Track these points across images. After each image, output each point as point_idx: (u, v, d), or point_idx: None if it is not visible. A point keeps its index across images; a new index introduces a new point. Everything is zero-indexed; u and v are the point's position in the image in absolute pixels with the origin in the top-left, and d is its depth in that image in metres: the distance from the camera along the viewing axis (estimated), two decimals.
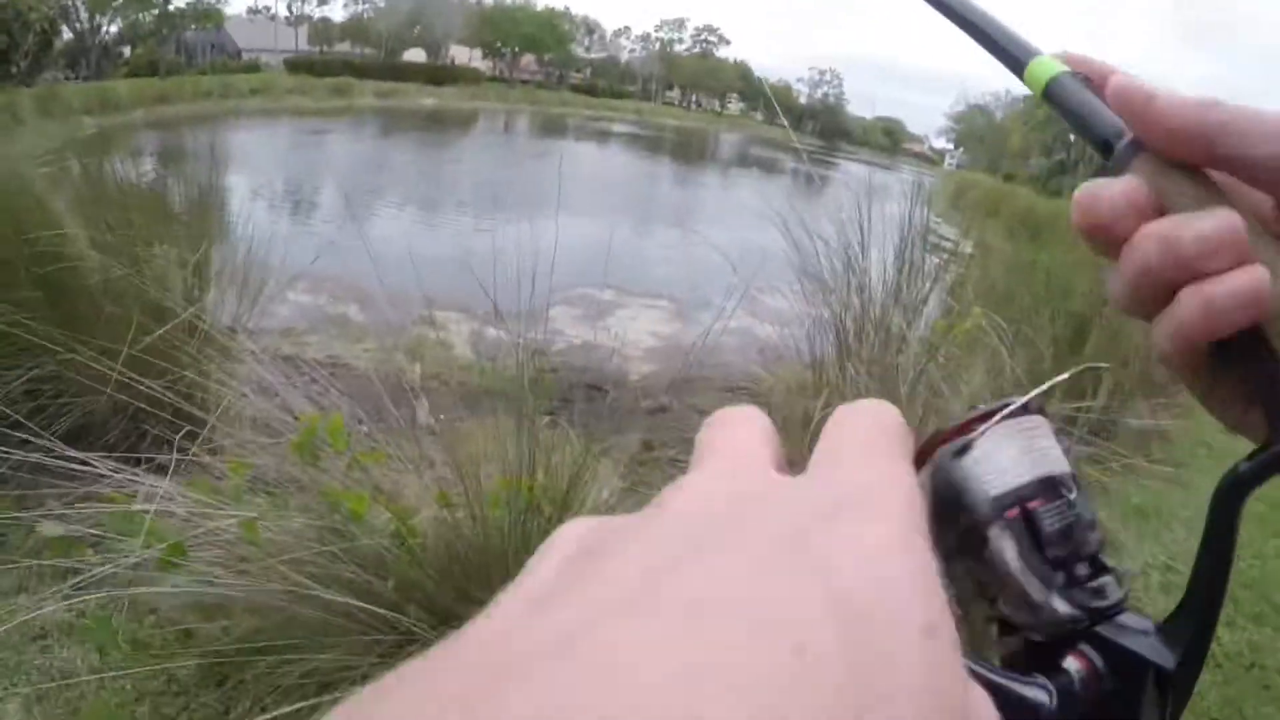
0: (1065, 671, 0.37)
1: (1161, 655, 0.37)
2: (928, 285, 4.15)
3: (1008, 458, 0.39)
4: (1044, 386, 0.41)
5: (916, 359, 3.60)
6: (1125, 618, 0.38)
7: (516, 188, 18.71)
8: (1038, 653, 0.38)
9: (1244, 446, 0.39)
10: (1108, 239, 0.37)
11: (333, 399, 3.27)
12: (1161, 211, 0.36)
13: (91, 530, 1.84)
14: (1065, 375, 0.45)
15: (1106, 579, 0.39)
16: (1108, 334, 4.82)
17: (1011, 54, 0.43)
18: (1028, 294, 5.00)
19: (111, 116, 23.13)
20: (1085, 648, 0.38)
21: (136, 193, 4.16)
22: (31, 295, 3.27)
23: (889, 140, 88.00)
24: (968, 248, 8.05)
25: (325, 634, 1.80)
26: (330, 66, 49.74)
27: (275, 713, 1.77)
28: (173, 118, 26.17)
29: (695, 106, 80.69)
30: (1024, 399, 0.40)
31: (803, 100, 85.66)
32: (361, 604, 1.74)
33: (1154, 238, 0.35)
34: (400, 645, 1.86)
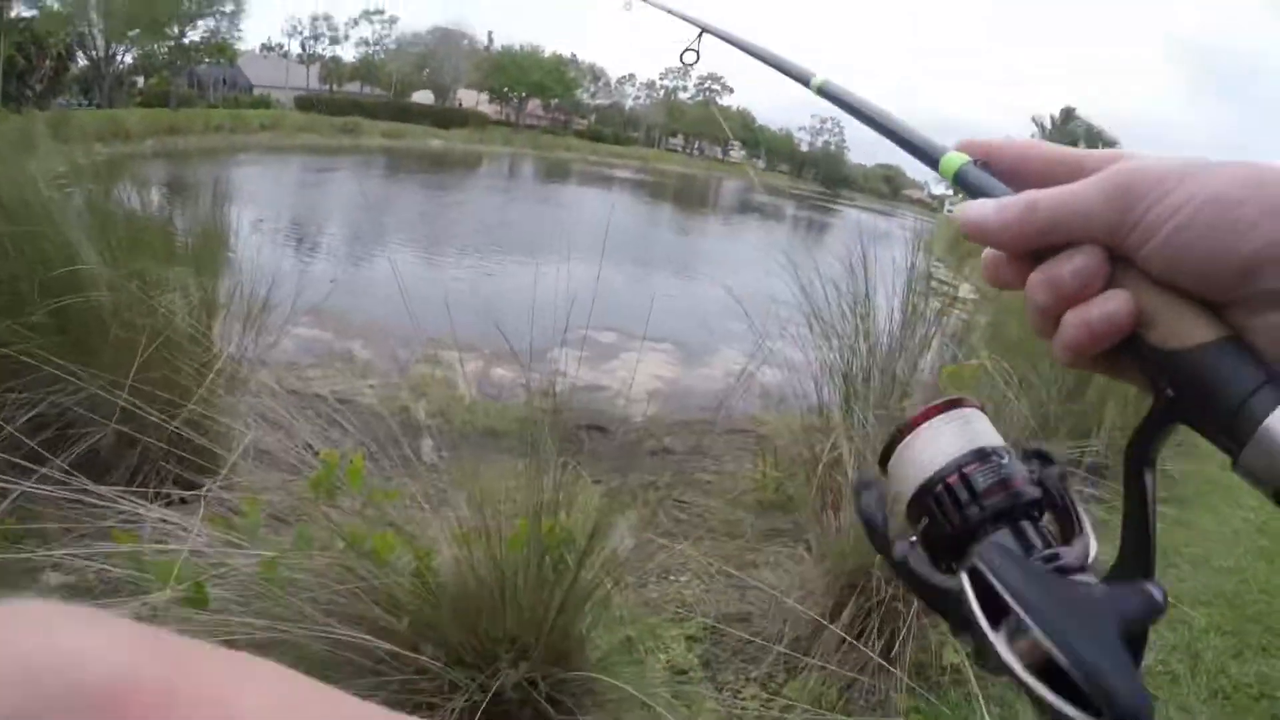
0: None
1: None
2: (932, 330, 4.16)
3: (943, 444, 0.50)
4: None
5: (921, 403, 3.60)
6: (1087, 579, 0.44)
7: (520, 230, 18.84)
8: None
9: (1240, 484, 0.43)
10: (1010, 285, 0.48)
11: (337, 436, 3.28)
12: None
13: (106, 566, 1.83)
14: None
15: (1064, 548, 0.46)
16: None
17: (928, 152, 0.55)
18: (1028, 337, 5.01)
19: (122, 145, 23.28)
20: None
21: (145, 221, 4.17)
22: (44, 321, 3.27)
23: (889, 187, 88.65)
24: (967, 292, 8.10)
25: (333, 669, 1.78)
26: (340, 105, 50.29)
27: None
28: (183, 149, 26.35)
29: (698, 153, 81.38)
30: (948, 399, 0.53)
31: (804, 148, 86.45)
32: (377, 641, 1.73)
33: (1041, 283, 0.45)
34: (409, 682, 1.85)
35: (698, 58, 1.25)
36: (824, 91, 0.75)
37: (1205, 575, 4.20)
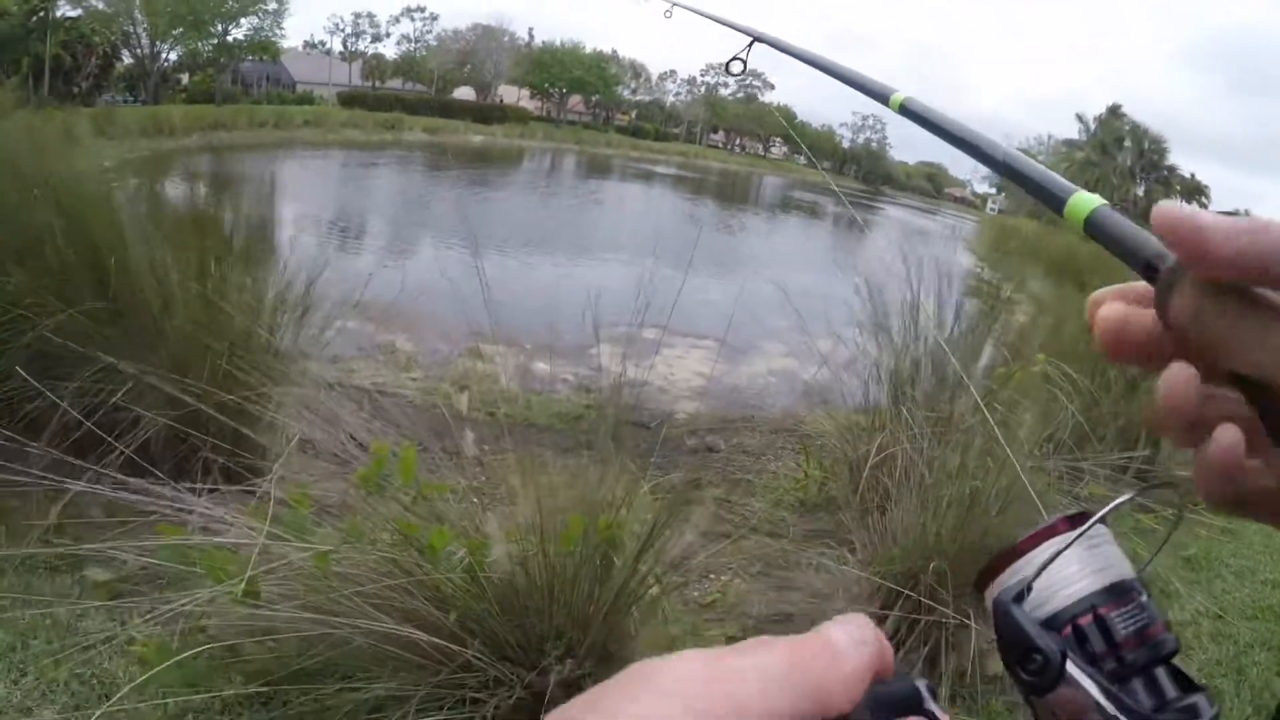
0: None
1: None
2: (985, 330, 4.11)
3: (1069, 573, 0.41)
4: (1108, 508, 0.42)
5: (971, 406, 3.55)
6: None
7: (562, 225, 18.88)
8: None
9: None
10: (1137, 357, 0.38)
11: (380, 427, 3.29)
12: (1211, 341, 0.35)
13: (154, 560, 1.84)
14: (1127, 497, 0.45)
15: (1197, 698, 0.39)
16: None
17: (1053, 192, 0.47)
18: (1081, 340, 4.93)
19: (167, 141, 23.64)
20: None
21: (194, 214, 4.22)
22: (98, 309, 3.31)
23: (931, 185, 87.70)
24: (1010, 292, 8.00)
25: (379, 663, 1.78)
26: (382, 101, 50.61)
27: None
28: (228, 144, 26.75)
29: (739, 150, 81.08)
30: (1076, 533, 0.42)
31: (845, 145, 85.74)
32: (425, 635, 1.72)
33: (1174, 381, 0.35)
34: (455, 677, 1.84)
35: (744, 67, 1.21)
36: (906, 109, 0.68)
37: (1251, 588, 4.10)
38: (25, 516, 2.67)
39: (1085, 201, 0.43)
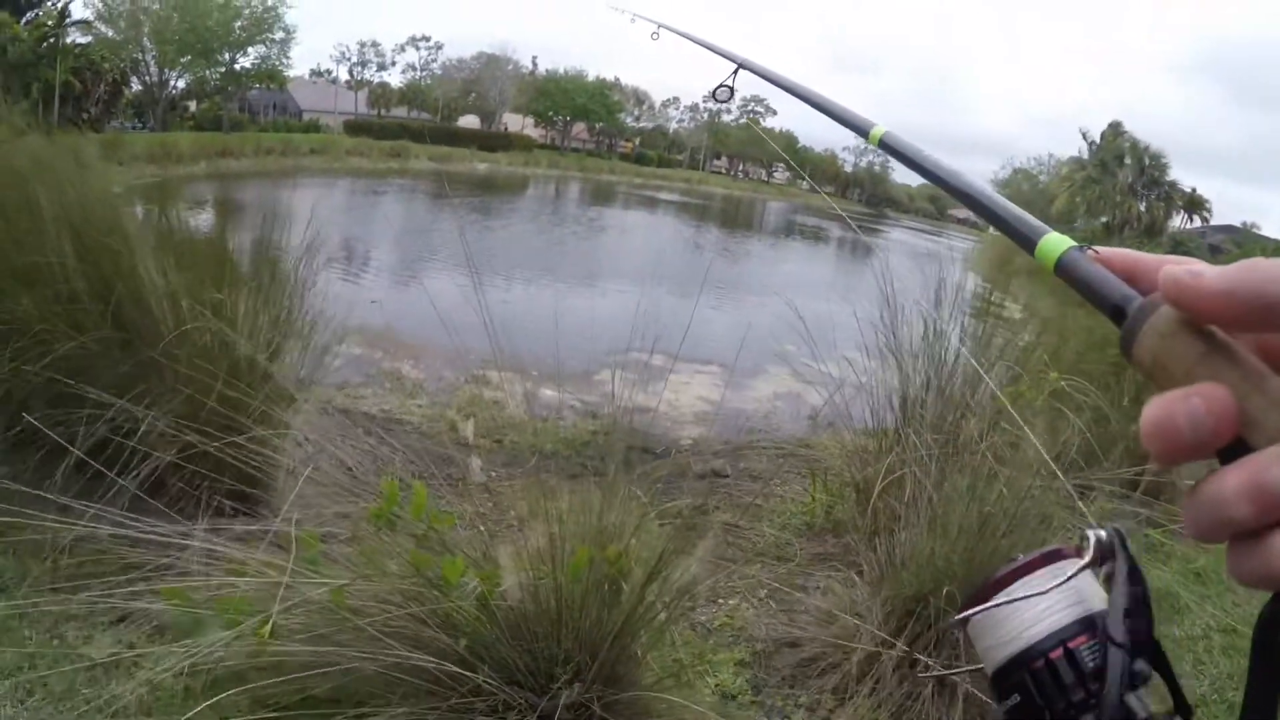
0: None
1: None
2: (994, 351, 4.12)
3: (1040, 609, 0.43)
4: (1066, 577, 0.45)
5: (979, 425, 3.55)
6: None
7: (566, 252, 18.95)
8: None
9: None
10: (1191, 456, 0.37)
11: (386, 453, 3.30)
12: (1176, 373, 0.37)
13: (164, 606, 1.84)
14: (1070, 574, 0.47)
15: None
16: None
17: (1024, 233, 0.47)
18: (1087, 356, 4.92)
19: (175, 167, 23.79)
20: None
21: (200, 241, 4.24)
22: (111, 335, 3.33)
23: (934, 207, 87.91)
24: (1016, 312, 8.01)
25: (390, 689, 1.78)
26: (388, 129, 50.94)
27: None
28: (235, 171, 26.92)
29: (743, 175, 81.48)
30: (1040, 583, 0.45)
31: (848, 169, 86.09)
32: (435, 661, 1.73)
33: (1240, 493, 0.34)
34: (465, 702, 1.84)
35: (732, 94, 1.26)
36: (885, 144, 0.70)
37: (1261, 600, 4.07)
38: (38, 546, 2.67)
39: (1056, 243, 0.44)
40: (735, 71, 1.23)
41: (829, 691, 3.00)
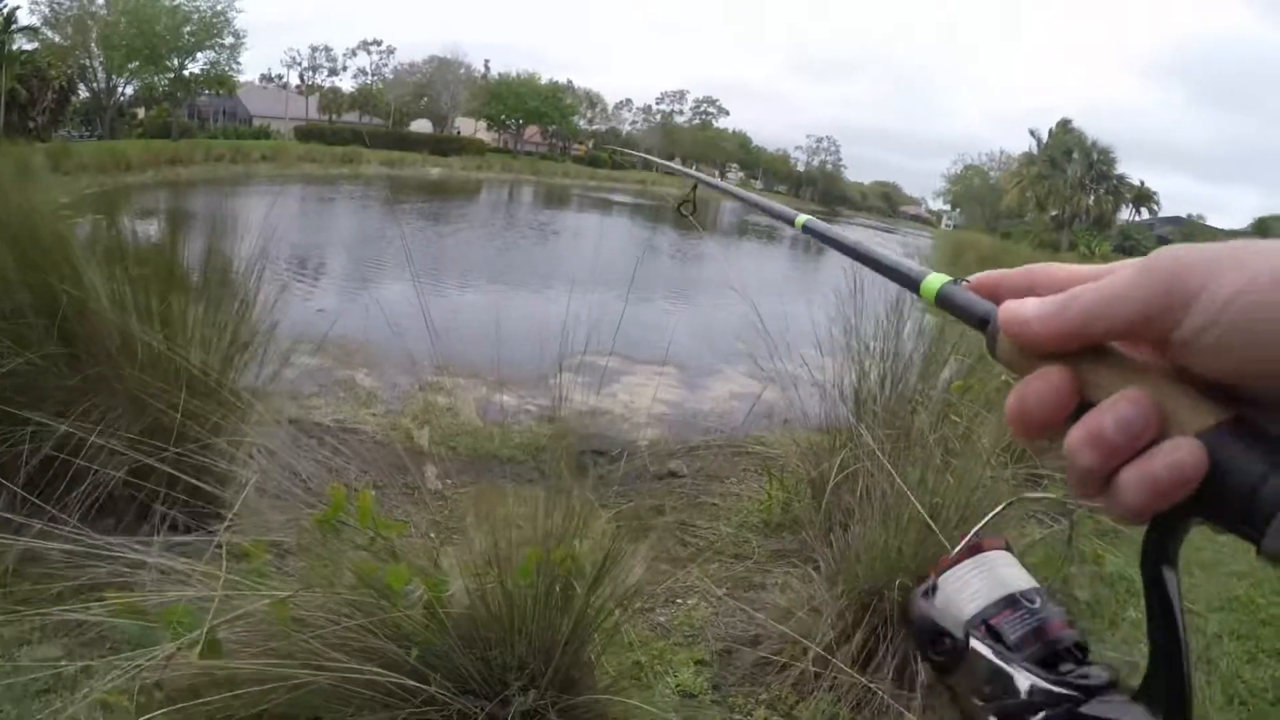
0: None
1: None
2: (948, 347, 4.17)
3: (971, 589, 0.51)
4: (984, 520, 0.57)
5: (931, 420, 3.59)
6: (1113, 697, 0.44)
7: (520, 256, 18.87)
8: None
9: None
10: (1045, 433, 0.43)
11: (340, 464, 3.26)
12: (1026, 365, 0.44)
13: (107, 619, 1.80)
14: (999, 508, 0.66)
15: (1091, 668, 0.46)
16: None
17: (909, 275, 0.55)
18: None
19: (124, 176, 23.35)
20: None
21: (148, 251, 4.16)
22: (57, 351, 3.26)
23: (887, 204, 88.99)
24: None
25: (343, 702, 1.76)
26: (339, 135, 50.49)
27: None
28: (185, 179, 26.48)
29: None
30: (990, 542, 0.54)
31: (800, 168, 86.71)
32: (385, 674, 1.71)
33: (1083, 442, 0.40)
34: (418, 713, 1.83)
35: (695, 209, 1.54)
36: (808, 229, 0.80)
37: (1219, 580, 4.18)
38: None
39: (934, 281, 0.52)
40: (695, 188, 1.52)
41: (790, 686, 3.01)
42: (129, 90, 40.18)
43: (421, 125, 64.12)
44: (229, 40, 41.29)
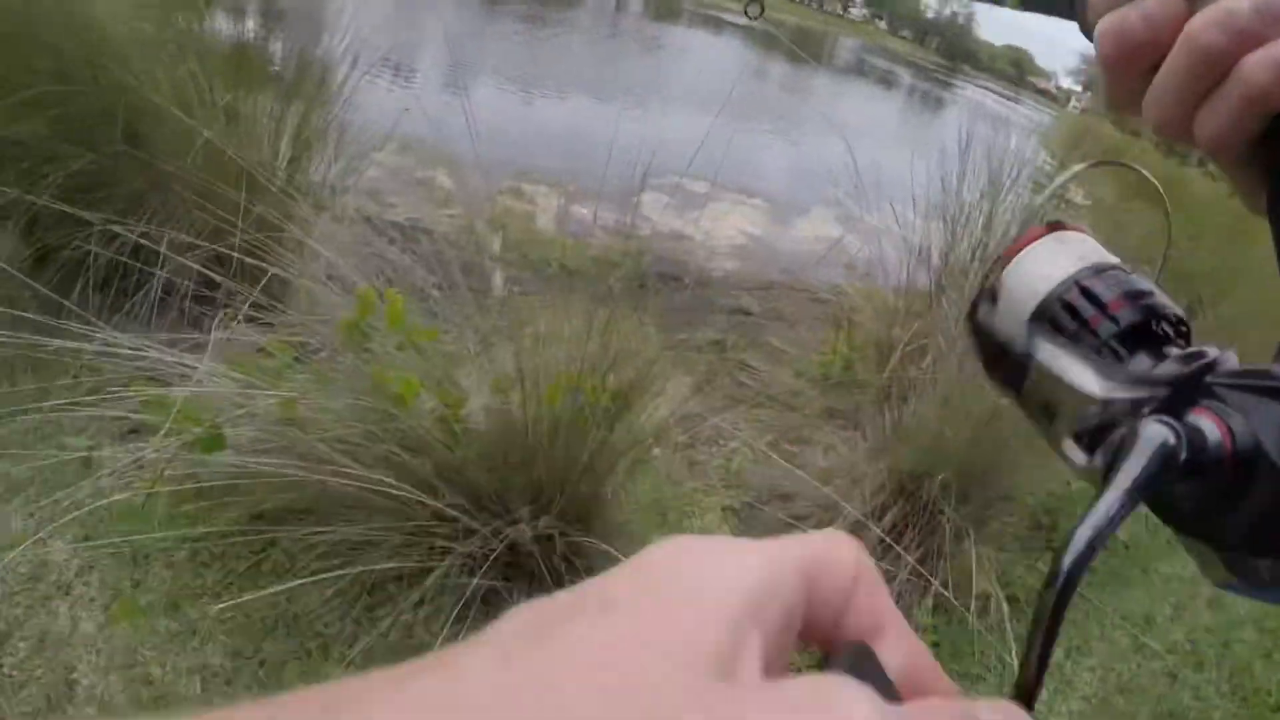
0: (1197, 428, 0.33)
1: None
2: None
3: (1047, 267, 0.43)
4: (1055, 184, 0.75)
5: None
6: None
7: (621, 70, 18.30)
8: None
9: None
10: (1148, 58, 0.37)
11: (409, 263, 3.21)
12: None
13: (132, 414, 1.80)
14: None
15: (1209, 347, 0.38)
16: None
17: None
18: (1145, 246, 4.68)
19: None
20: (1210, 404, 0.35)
21: (240, 49, 4.07)
22: (125, 153, 3.20)
23: (1015, 71, 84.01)
24: (1078, 197, 7.60)
25: (356, 508, 1.75)
26: None
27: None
28: None
29: (818, 6, 77.89)
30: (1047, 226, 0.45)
31: (930, 15, 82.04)
32: (395, 482, 1.68)
33: (1209, 22, 0.35)
34: (426, 525, 1.81)
35: (762, 10, 1.41)
36: None
37: None
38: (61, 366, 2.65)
39: None
40: None
41: None
42: None
43: None
44: None
